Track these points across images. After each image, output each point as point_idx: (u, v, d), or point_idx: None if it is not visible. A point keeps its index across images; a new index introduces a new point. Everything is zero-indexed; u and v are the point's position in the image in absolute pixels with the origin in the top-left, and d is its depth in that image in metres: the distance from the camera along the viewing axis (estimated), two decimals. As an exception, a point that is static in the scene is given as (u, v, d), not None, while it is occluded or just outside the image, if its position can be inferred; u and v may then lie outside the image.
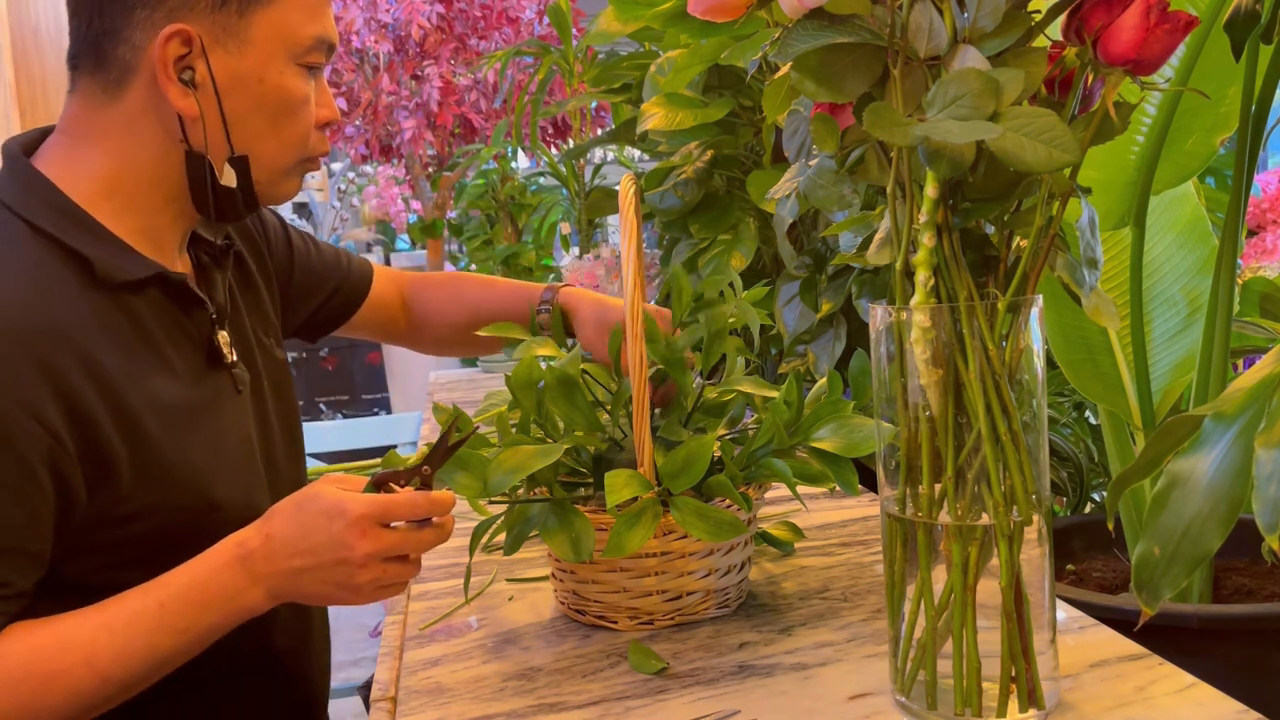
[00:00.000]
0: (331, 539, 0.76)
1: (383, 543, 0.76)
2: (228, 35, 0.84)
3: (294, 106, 0.88)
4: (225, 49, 0.84)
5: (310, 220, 5.89)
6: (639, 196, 0.82)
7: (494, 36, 3.06)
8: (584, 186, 2.52)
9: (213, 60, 0.84)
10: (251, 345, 1.00)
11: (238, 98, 0.85)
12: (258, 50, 0.85)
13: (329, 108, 0.92)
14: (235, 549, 0.79)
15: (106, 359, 0.80)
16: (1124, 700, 0.70)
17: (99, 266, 0.83)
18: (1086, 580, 1.46)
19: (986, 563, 0.67)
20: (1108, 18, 0.61)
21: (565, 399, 0.88)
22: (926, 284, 0.65)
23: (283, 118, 0.88)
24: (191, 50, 0.83)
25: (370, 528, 0.76)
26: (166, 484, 0.83)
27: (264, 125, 0.87)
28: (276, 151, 0.89)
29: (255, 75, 0.85)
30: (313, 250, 1.19)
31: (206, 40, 0.83)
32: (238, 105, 0.85)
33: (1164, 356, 1.54)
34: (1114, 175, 1.38)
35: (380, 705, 0.80)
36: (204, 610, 0.78)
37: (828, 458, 0.86)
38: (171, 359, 0.87)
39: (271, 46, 0.85)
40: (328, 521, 0.76)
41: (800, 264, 1.46)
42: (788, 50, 0.63)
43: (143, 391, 0.82)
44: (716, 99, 1.60)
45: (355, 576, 0.77)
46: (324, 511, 0.76)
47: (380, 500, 0.76)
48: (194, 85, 0.84)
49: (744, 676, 0.78)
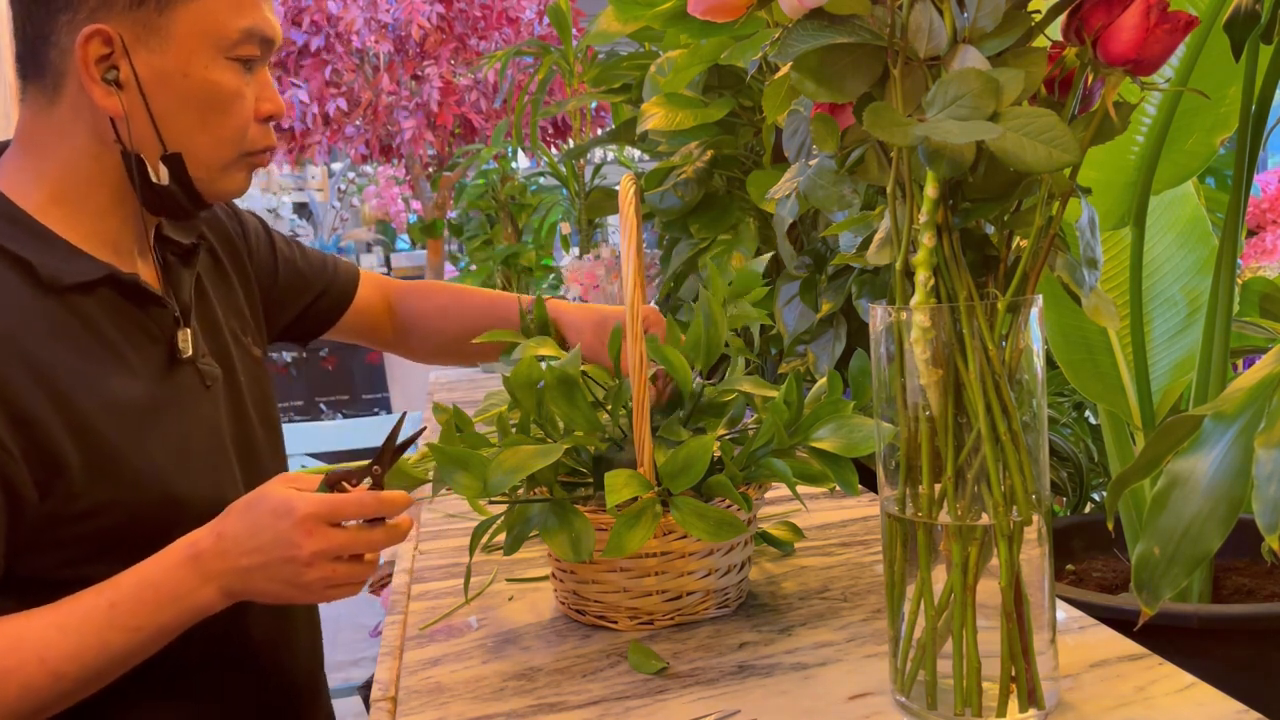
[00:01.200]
0: (278, 537, 0.77)
1: (330, 542, 0.77)
2: (149, 33, 0.84)
3: (224, 101, 0.87)
4: (147, 46, 0.84)
5: (310, 220, 5.89)
6: (639, 196, 0.82)
7: (494, 36, 3.06)
8: (584, 186, 2.52)
9: (135, 59, 0.84)
10: (226, 341, 1.01)
11: (164, 95, 0.85)
12: (180, 46, 0.84)
13: (271, 101, 0.91)
14: (187, 548, 0.80)
15: (56, 362, 0.81)
16: (1124, 700, 0.70)
17: (42, 271, 0.83)
18: (1086, 580, 1.46)
19: (986, 563, 0.67)
20: (1108, 18, 0.61)
21: (565, 399, 0.88)
22: (926, 284, 0.65)
23: (213, 113, 0.87)
24: (114, 50, 0.83)
25: (317, 526, 0.77)
26: (123, 482, 0.83)
27: (194, 121, 0.87)
28: (211, 147, 0.88)
29: (180, 71, 0.85)
30: (297, 253, 1.20)
31: (128, 39, 0.83)
32: (164, 102, 0.85)
33: (1164, 356, 1.54)
34: (1114, 175, 1.38)
35: (380, 705, 0.80)
36: (156, 609, 0.79)
37: (828, 458, 0.86)
38: (129, 358, 0.87)
39: (195, 42, 0.85)
40: (274, 520, 0.77)
41: (800, 264, 1.46)
42: (788, 50, 0.63)
43: (96, 392, 0.83)
44: (716, 99, 1.60)
45: (302, 575, 0.78)
46: (272, 510, 0.78)
47: (328, 499, 0.77)
48: (119, 85, 0.84)
49: (744, 676, 0.78)
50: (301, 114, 2.92)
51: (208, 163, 0.89)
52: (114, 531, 0.83)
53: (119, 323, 0.88)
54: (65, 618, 0.78)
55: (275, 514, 0.77)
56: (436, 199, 3.19)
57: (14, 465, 0.78)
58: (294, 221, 5.70)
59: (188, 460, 0.89)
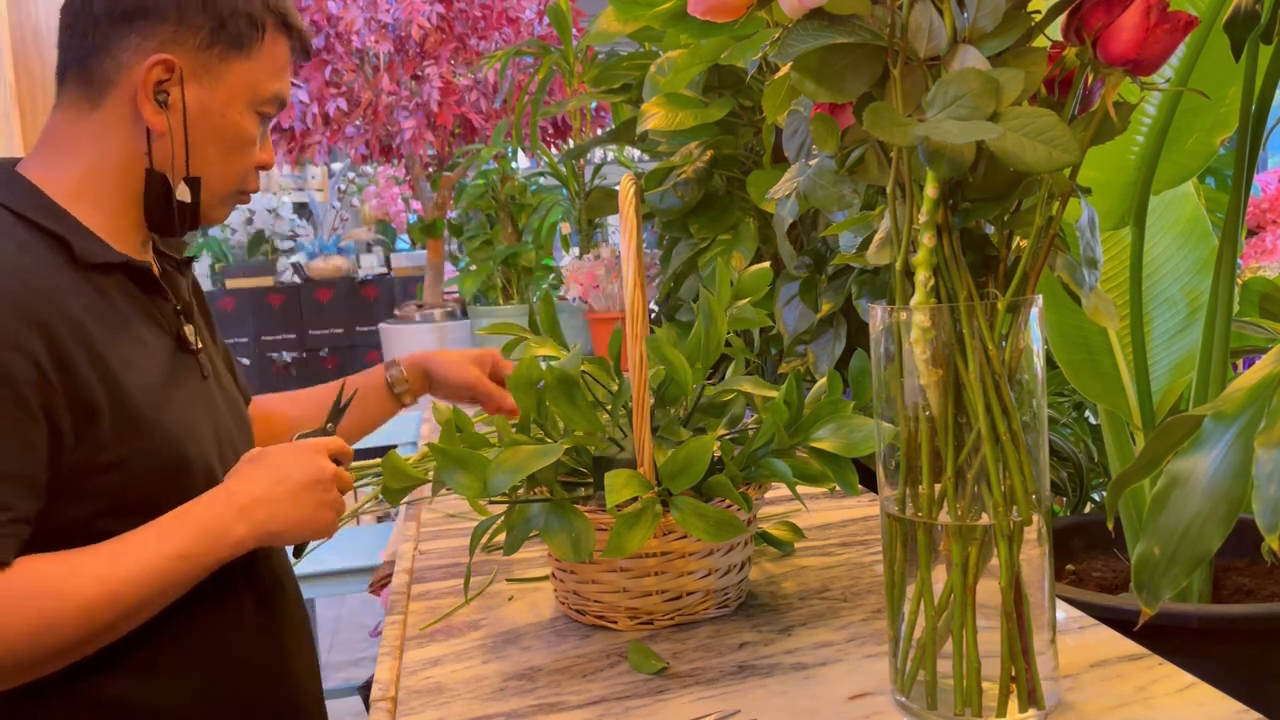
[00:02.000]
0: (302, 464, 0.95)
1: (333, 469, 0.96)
2: (205, 72, 0.97)
3: (244, 144, 1.01)
4: (200, 83, 0.97)
5: (310, 220, 5.89)
6: (639, 196, 0.82)
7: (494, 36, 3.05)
8: (584, 186, 2.52)
9: (188, 90, 0.96)
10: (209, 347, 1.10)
11: (201, 126, 0.98)
12: (227, 90, 0.98)
13: (268, 152, 1.06)
14: (220, 491, 0.93)
15: (90, 325, 0.89)
16: (1124, 700, 0.70)
17: (77, 248, 0.92)
18: (1086, 580, 1.46)
19: (986, 563, 0.67)
20: (1108, 18, 0.61)
21: (565, 399, 0.88)
22: (926, 284, 0.65)
23: (233, 151, 1.00)
24: (171, 77, 0.95)
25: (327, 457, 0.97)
26: (144, 438, 0.91)
27: (217, 154, 1.00)
28: (222, 179, 1.01)
29: (220, 110, 0.98)
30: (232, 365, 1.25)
31: (186, 72, 0.96)
32: (200, 132, 0.98)
33: (1164, 356, 1.54)
34: (1114, 175, 1.38)
35: (380, 705, 0.80)
36: (200, 540, 0.89)
37: (828, 458, 0.86)
38: (144, 335, 0.97)
39: (239, 91, 0.99)
40: (295, 455, 0.95)
41: (800, 264, 1.46)
42: (788, 50, 0.63)
43: (120, 355, 0.91)
44: (716, 99, 1.60)
45: (329, 491, 0.95)
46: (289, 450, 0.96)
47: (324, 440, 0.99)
48: (166, 107, 0.96)
49: (744, 676, 0.78)
50: (301, 114, 2.92)
51: (216, 191, 1.02)
52: (133, 487, 0.90)
53: (134, 305, 0.97)
54: (120, 547, 0.87)
55: (294, 451, 0.96)
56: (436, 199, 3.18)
57: (59, 404, 0.85)
58: (294, 222, 5.69)
59: (193, 431, 0.97)
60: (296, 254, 5.47)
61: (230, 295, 5.24)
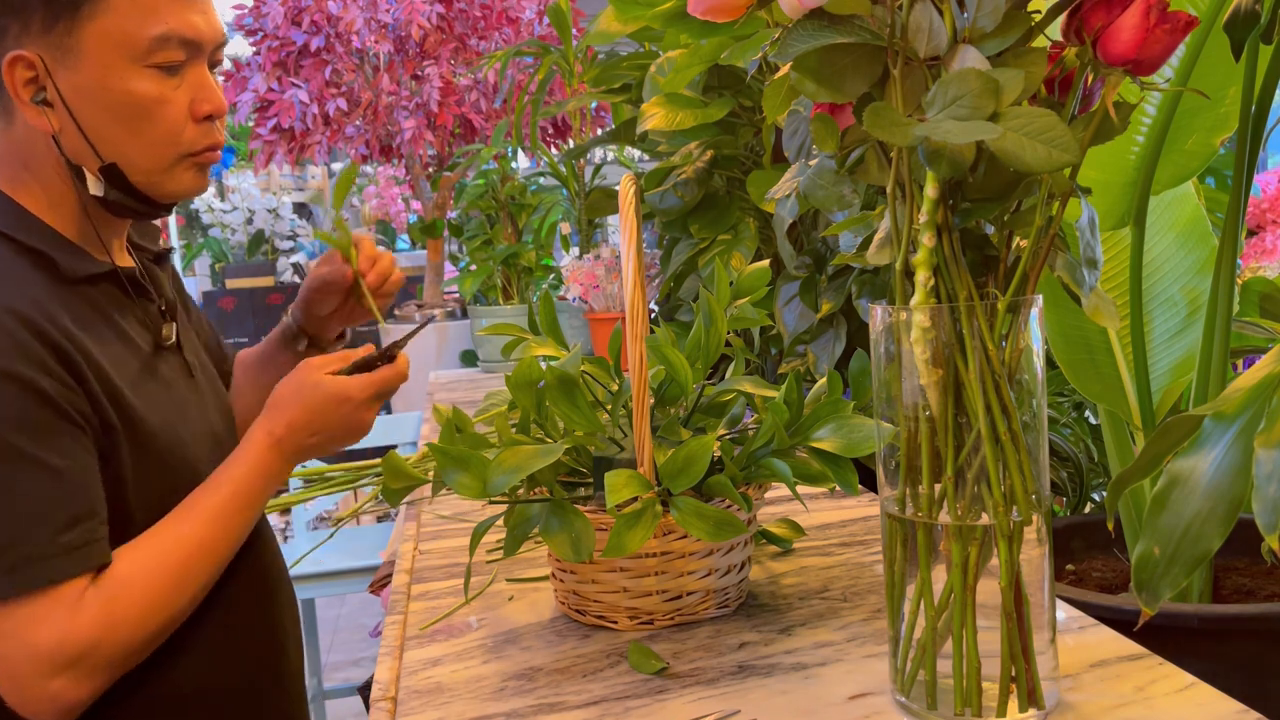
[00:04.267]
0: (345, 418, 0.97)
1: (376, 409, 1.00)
2: (64, 53, 0.88)
3: (147, 109, 0.91)
4: (65, 65, 0.88)
5: (310, 220, 5.89)
6: (639, 196, 0.82)
7: (494, 36, 3.05)
8: (584, 186, 2.52)
9: (57, 78, 0.88)
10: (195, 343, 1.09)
11: (88, 110, 0.89)
12: (93, 62, 0.88)
13: (209, 101, 0.94)
14: (266, 437, 0.96)
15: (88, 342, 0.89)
16: (1124, 700, 0.70)
17: (62, 264, 0.91)
18: (1086, 580, 1.46)
19: (986, 563, 0.67)
20: (1108, 18, 0.61)
21: (565, 399, 0.88)
22: (926, 284, 0.65)
23: (138, 121, 0.91)
24: (38, 72, 0.88)
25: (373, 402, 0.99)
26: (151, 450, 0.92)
27: (122, 132, 0.91)
28: (144, 154, 0.92)
29: (97, 85, 0.89)
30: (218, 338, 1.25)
31: (48, 60, 0.88)
32: (90, 117, 0.90)
33: (1164, 356, 1.54)
34: (1114, 175, 1.38)
35: (380, 705, 0.80)
36: (264, 492, 0.96)
37: (828, 458, 0.86)
38: (137, 343, 0.97)
39: (106, 56, 0.88)
40: (339, 405, 0.97)
41: (800, 264, 1.46)
42: (788, 50, 0.63)
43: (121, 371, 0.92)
44: (716, 99, 1.60)
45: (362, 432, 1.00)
46: (332, 397, 0.96)
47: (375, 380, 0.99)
48: (48, 104, 0.89)
49: (744, 676, 0.78)
50: (301, 114, 2.92)
51: (145, 168, 0.93)
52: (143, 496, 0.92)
53: (120, 310, 0.96)
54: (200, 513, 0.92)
55: (338, 400, 0.96)
56: (436, 199, 3.18)
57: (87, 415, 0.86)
58: (294, 222, 5.69)
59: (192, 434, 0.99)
60: (296, 254, 5.47)
61: (230, 295, 5.24)
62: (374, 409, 0.99)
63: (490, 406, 0.99)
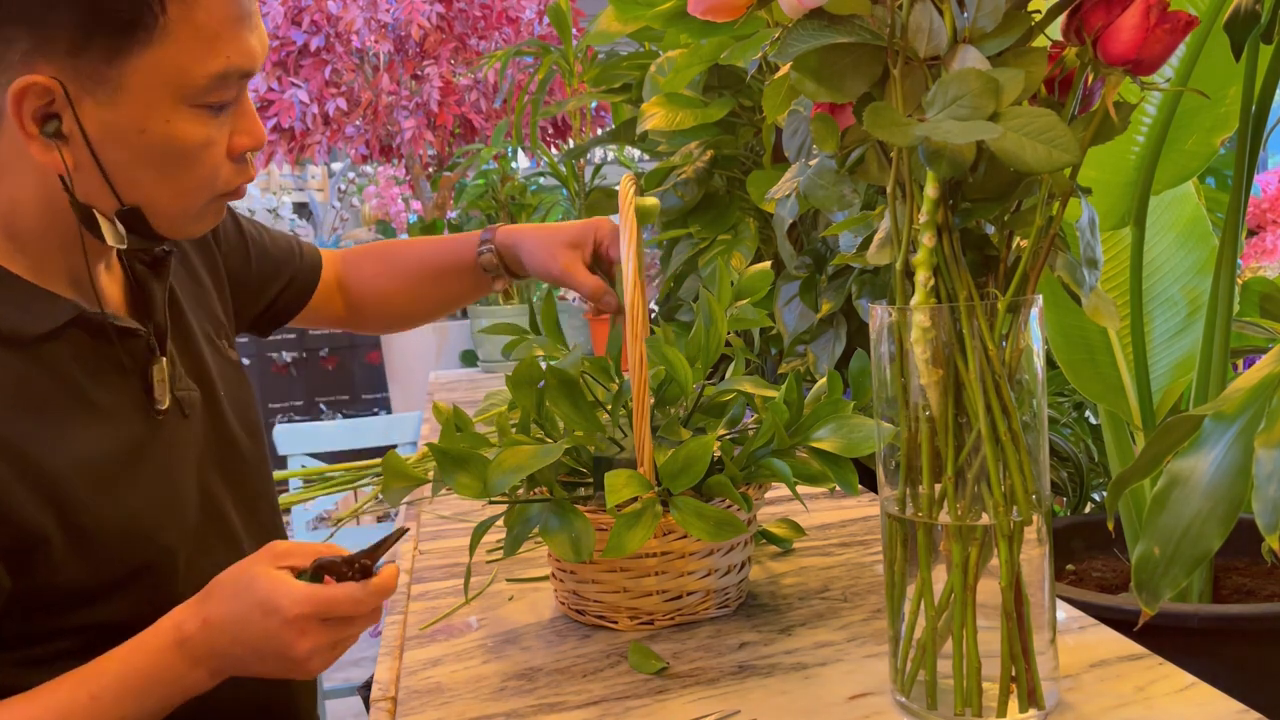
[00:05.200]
0: (268, 634, 0.72)
1: (323, 638, 0.73)
2: (96, 84, 0.72)
3: (189, 154, 0.76)
4: (95, 99, 0.72)
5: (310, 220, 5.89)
6: (639, 196, 0.82)
7: (494, 36, 3.06)
8: (584, 186, 2.52)
9: (81, 111, 0.72)
10: (202, 352, 0.95)
11: (115, 150, 0.74)
12: (135, 99, 0.73)
13: (249, 134, 0.80)
14: (173, 632, 0.74)
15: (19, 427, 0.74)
16: (1124, 700, 0.70)
17: (4, 325, 0.75)
18: (1086, 580, 1.46)
19: (986, 563, 0.67)
20: (1108, 18, 0.61)
21: (565, 399, 0.88)
22: (926, 284, 0.65)
23: (176, 168, 0.77)
24: (55, 100, 0.72)
25: (309, 625, 0.72)
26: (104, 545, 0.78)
27: (153, 177, 0.77)
28: (174, 199, 0.79)
29: (135, 127, 0.74)
30: (266, 238, 1.14)
31: (71, 89, 0.71)
32: (117, 158, 0.75)
33: (1164, 356, 1.54)
34: (1114, 175, 1.38)
35: (380, 705, 0.80)
36: (142, 697, 0.73)
37: (828, 458, 0.86)
38: (101, 403, 0.80)
39: (154, 94, 0.73)
40: (263, 617, 0.72)
41: (800, 264, 1.46)
42: (788, 50, 0.63)
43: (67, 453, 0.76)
44: (716, 99, 1.60)
45: (300, 666, 0.74)
46: (259, 605, 0.72)
47: (318, 599, 0.72)
48: (62, 137, 0.73)
49: (744, 676, 0.78)
50: (301, 114, 2.92)
51: (171, 214, 0.80)
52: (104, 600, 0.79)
53: (88, 364, 0.80)
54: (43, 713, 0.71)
55: (264, 610, 0.71)
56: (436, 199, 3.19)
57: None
58: (294, 221, 5.69)
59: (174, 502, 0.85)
60: (296, 254, 5.47)
61: (230, 295, 5.24)
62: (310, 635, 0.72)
63: (490, 406, 0.99)
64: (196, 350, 0.96)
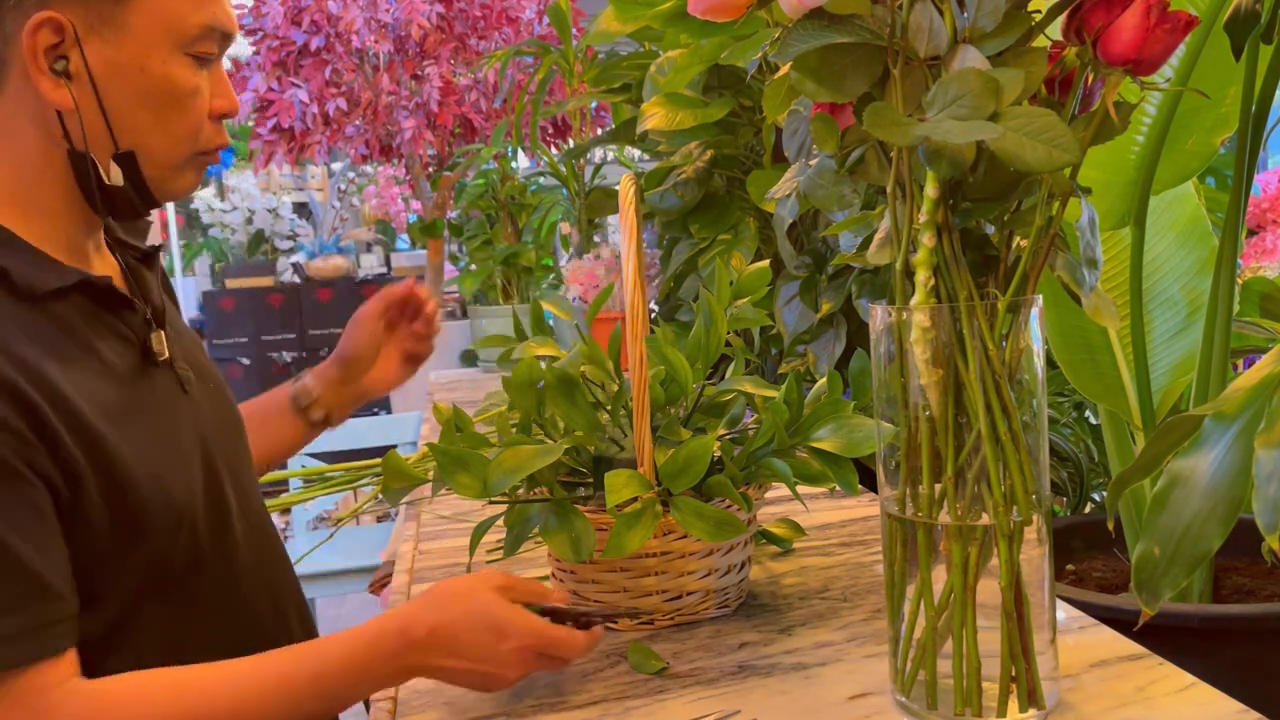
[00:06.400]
0: (493, 655, 0.75)
1: (531, 668, 0.77)
2: (104, 23, 0.79)
3: (181, 98, 0.84)
4: (102, 38, 0.80)
5: (310, 220, 5.89)
6: (639, 196, 0.82)
7: (494, 36, 3.06)
8: (584, 186, 2.52)
9: (88, 50, 0.79)
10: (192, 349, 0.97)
11: (118, 90, 0.81)
12: (138, 39, 0.81)
13: (226, 98, 0.88)
14: (400, 634, 0.76)
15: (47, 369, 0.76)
16: (1124, 700, 0.70)
17: (18, 278, 0.79)
18: (1086, 580, 1.46)
19: (986, 563, 0.67)
20: (1108, 18, 0.61)
21: (565, 399, 0.88)
22: (926, 284, 0.65)
23: (169, 110, 0.84)
24: (64, 39, 0.79)
25: (529, 655, 0.76)
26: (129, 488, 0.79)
27: (149, 119, 0.83)
28: (165, 146, 0.85)
29: (136, 65, 0.81)
30: None
31: (80, 28, 0.79)
32: (118, 98, 0.81)
33: (1164, 356, 1.54)
34: (1114, 175, 1.38)
35: (380, 705, 0.80)
36: (356, 686, 0.77)
37: (828, 458, 0.86)
38: (107, 360, 0.83)
39: (153, 35, 0.81)
40: (496, 640, 0.75)
41: (800, 264, 1.46)
42: (788, 50, 0.63)
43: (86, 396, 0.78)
44: (716, 99, 1.60)
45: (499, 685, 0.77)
46: (495, 628, 0.75)
47: (549, 636, 0.76)
48: (68, 76, 0.79)
49: (744, 676, 0.78)
50: (301, 114, 2.92)
51: (161, 162, 0.85)
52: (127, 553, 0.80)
53: (93, 326, 0.84)
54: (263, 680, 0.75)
55: (498, 634, 0.75)
56: (436, 199, 3.19)
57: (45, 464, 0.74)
58: (294, 221, 5.69)
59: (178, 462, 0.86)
60: (296, 254, 5.48)
61: (230, 295, 5.25)
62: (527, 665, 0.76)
63: (490, 406, 0.99)
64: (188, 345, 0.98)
